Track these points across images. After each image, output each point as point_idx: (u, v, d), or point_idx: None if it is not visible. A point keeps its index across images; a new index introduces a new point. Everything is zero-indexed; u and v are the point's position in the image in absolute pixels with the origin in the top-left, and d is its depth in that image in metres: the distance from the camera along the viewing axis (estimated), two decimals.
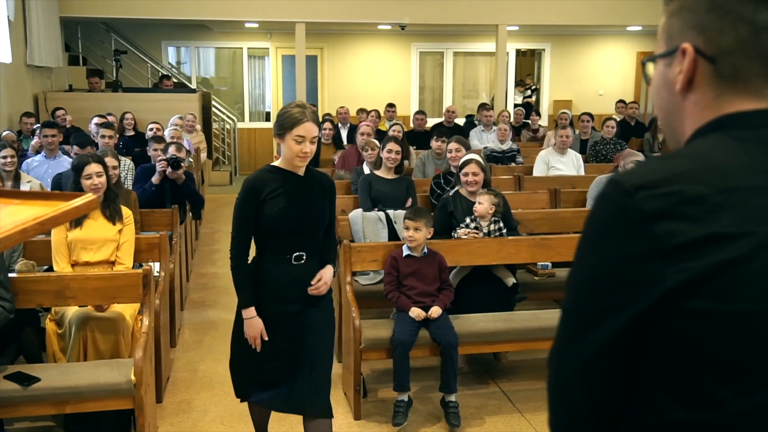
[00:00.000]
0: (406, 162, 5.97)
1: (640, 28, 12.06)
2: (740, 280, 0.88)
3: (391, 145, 5.50)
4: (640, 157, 5.59)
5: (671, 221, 0.90)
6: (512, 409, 4.05)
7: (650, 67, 1.10)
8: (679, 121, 1.05)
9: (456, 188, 4.78)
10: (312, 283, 3.02)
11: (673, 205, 0.91)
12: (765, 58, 0.96)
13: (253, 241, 3.09)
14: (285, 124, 2.89)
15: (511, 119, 10.33)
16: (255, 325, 3.01)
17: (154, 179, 5.66)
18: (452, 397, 3.81)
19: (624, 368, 0.98)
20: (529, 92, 14.61)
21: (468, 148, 5.87)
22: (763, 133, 0.95)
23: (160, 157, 5.78)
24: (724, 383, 0.91)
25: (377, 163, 5.63)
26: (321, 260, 3.11)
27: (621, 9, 10.90)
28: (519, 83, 14.60)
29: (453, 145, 5.72)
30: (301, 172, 3.01)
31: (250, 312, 3.03)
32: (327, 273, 3.08)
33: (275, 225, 2.94)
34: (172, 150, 6.03)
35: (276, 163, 3.05)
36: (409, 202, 5.33)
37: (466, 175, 4.59)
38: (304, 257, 3.02)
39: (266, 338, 3.00)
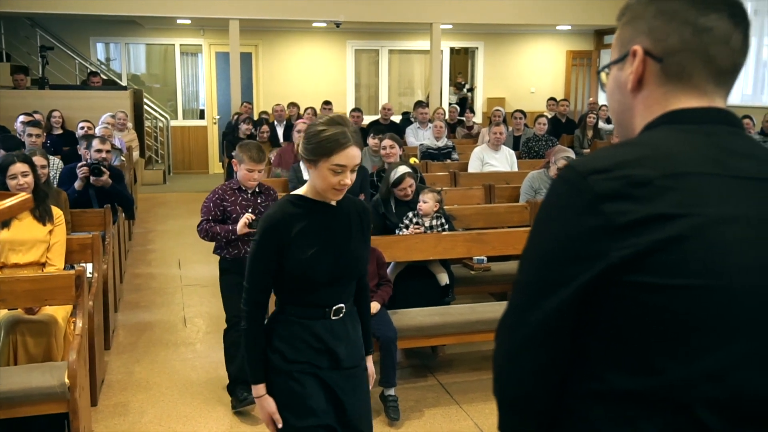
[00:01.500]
0: None
1: (569, 27, 12.38)
2: (680, 257, 0.96)
3: None
4: (571, 153, 5.75)
5: (620, 201, 0.98)
6: (450, 401, 4.13)
7: (604, 76, 1.19)
8: (630, 119, 1.14)
9: (389, 198, 4.82)
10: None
11: (622, 186, 0.98)
12: (706, 57, 1.05)
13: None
14: (322, 149, 2.19)
15: (446, 117, 10.45)
16: (265, 407, 2.30)
17: (77, 185, 5.44)
18: (391, 391, 3.86)
19: (570, 337, 1.05)
20: (464, 92, 14.80)
21: (401, 146, 5.94)
22: (707, 127, 1.05)
23: (81, 163, 5.53)
24: (663, 352, 0.98)
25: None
26: (358, 310, 2.48)
27: (551, 9, 11.16)
28: (455, 84, 14.79)
29: (387, 142, 5.77)
30: (335, 201, 2.32)
31: (259, 390, 2.29)
32: (370, 361, 2.56)
33: (307, 274, 2.22)
34: (96, 144, 5.74)
35: (301, 191, 2.33)
36: (361, 197, 5.36)
37: (403, 189, 4.64)
38: (344, 309, 2.34)
39: (280, 424, 2.30)
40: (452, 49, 14.54)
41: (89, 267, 4.47)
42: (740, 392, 0.97)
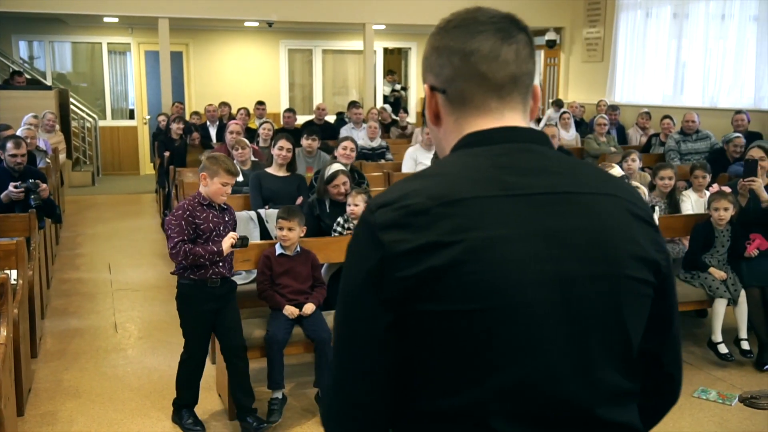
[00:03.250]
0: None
1: None
2: (458, 282, 0.99)
3: (282, 143, 5.51)
4: None
5: (398, 231, 1.02)
6: None
7: None
8: (443, 150, 1.20)
9: (324, 199, 4.84)
10: None
11: (401, 216, 1.02)
12: (479, 76, 1.11)
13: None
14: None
15: (379, 117, 10.51)
16: None
17: (3, 197, 5.22)
18: None
19: (391, 368, 1.06)
20: (398, 86, 14.86)
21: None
22: (495, 148, 1.09)
23: (15, 184, 5.22)
24: (458, 374, 1.02)
25: (270, 160, 5.61)
26: None
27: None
28: (389, 73, 14.81)
29: (349, 144, 5.79)
30: None
31: None
32: None
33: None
34: (9, 148, 5.33)
35: None
36: (299, 200, 5.35)
37: (337, 187, 4.67)
38: None
39: None
40: (386, 49, 14.62)
41: (13, 274, 4.34)
42: (534, 402, 1.02)
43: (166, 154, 8.28)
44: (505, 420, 1.01)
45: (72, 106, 11.91)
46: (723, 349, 4.61)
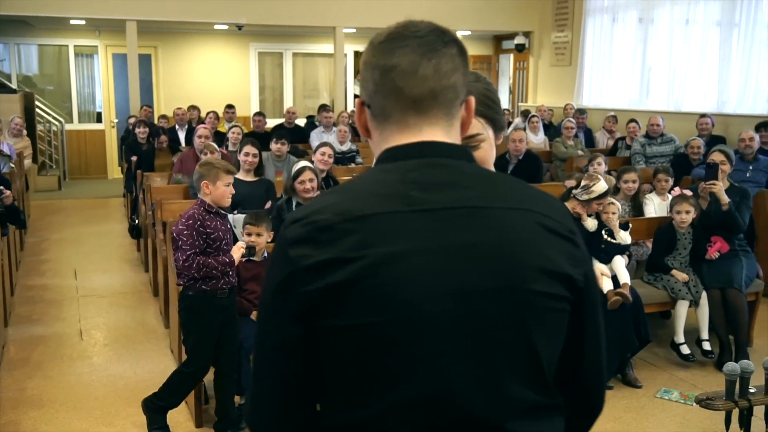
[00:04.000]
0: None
1: (469, 33, 12.68)
2: (358, 297, 1.01)
3: (248, 148, 5.50)
4: None
5: (305, 246, 1.04)
6: None
7: None
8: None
9: (292, 198, 4.84)
10: None
11: (308, 232, 1.05)
12: (396, 91, 1.12)
13: None
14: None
15: (351, 120, 10.51)
16: None
17: None
18: None
19: (301, 373, 1.09)
20: None
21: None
22: (408, 163, 1.10)
23: None
24: (362, 388, 1.04)
25: (238, 165, 5.58)
26: None
27: (451, 14, 11.40)
28: (358, 72, 14.82)
29: (327, 150, 5.74)
30: None
31: None
32: None
33: None
34: None
35: None
36: (268, 205, 5.33)
37: (303, 183, 4.67)
38: None
39: None
40: (356, 53, 14.63)
41: None
42: (439, 415, 1.02)
43: (134, 158, 8.21)
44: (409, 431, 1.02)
45: (38, 110, 11.75)
46: (685, 349, 4.69)
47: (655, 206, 5.51)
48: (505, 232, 1.06)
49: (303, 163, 4.86)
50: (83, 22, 11.57)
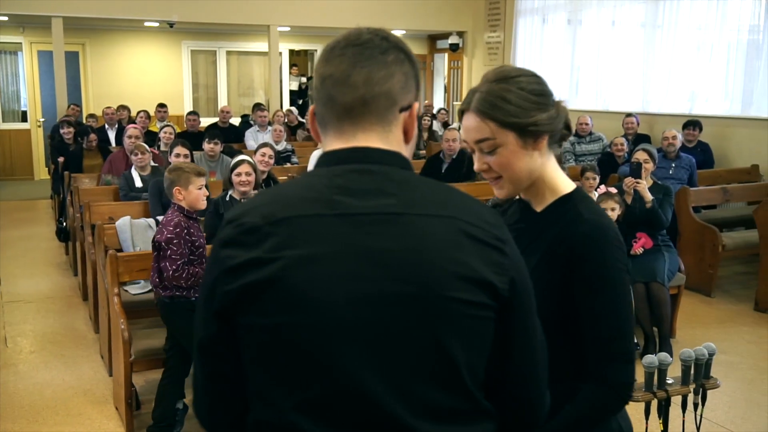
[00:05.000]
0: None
1: (404, 32, 12.76)
2: (272, 297, 1.05)
3: (179, 149, 5.42)
4: None
5: (233, 247, 1.08)
6: None
7: None
8: None
9: (228, 191, 4.80)
10: None
11: (237, 234, 1.09)
12: (329, 99, 1.15)
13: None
14: None
15: (286, 119, 10.46)
16: None
17: None
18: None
19: (226, 371, 1.14)
20: (303, 79, 14.79)
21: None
22: (337, 168, 1.13)
23: None
24: (276, 384, 1.08)
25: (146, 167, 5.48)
26: None
27: (387, 13, 11.45)
28: (293, 66, 14.72)
29: (267, 150, 5.67)
30: None
31: None
32: None
33: None
34: None
35: None
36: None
37: (239, 175, 4.63)
38: None
39: None
40: (292, 51, 14.55)
41: None
42: (347, 415, 1.05)
43: (61, 159, 7.97)
44: (319, 428, 1.05)
45: None
46: None
47: None
48: (423, 239, 1.07)
49: (243, 156, 4.85)
50: (6, 18, 11.16)
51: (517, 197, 1.60)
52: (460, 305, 1.07)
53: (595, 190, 5.54)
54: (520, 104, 1.42)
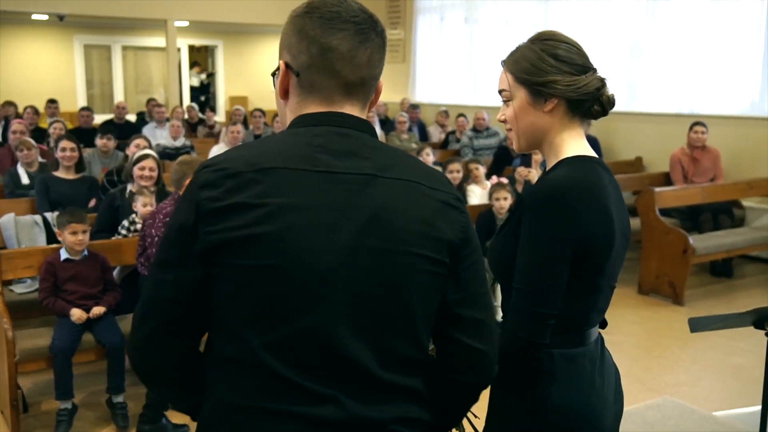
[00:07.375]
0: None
1: None
2: (256, 240, 1.12)
3: (65, 143, 5.23)
4: None
5: (213, 189, 1.13)
6: None
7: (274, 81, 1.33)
8: (284, 123, 1.30)
9: (128, 186, 4.69)
10: None
11: (217, 178, 1.14)
12: (333, 72, 1.21)
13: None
14: None
15: (186, 115, 10.26)
16: None
17: None
18: (120, 398, 3.76)
19: (193, 312, 1.18)
20: (204, 76, 14.55)
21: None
22: (318, 129, 1.20)
23: None
24: (248, 323, 1.14)
25: (57, 164, 5.28)
26: None
27: (282, 9, 11.39)
28: (194, 64, 14.46)
29: (141, 141, 5.55)
30: None
31: None
32: None
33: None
34: None
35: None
36: (93, 203, 5.11)
37: (143, 169, 4.53)
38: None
39: None
40: (191, 47, 14.27)
41: None
42: (315, 354, 1.13)
43: None
44: (287, 367, 1.13)
45: None
46: None
47: (477, 195, 5.84)
48: (394, 199, 1.17)
49: (148, 150, 4.77)
50: None
51: None
52: (423, 261, 1.17)
53: (487, 180, 5.73)
54: (536, 64, 1.52)
